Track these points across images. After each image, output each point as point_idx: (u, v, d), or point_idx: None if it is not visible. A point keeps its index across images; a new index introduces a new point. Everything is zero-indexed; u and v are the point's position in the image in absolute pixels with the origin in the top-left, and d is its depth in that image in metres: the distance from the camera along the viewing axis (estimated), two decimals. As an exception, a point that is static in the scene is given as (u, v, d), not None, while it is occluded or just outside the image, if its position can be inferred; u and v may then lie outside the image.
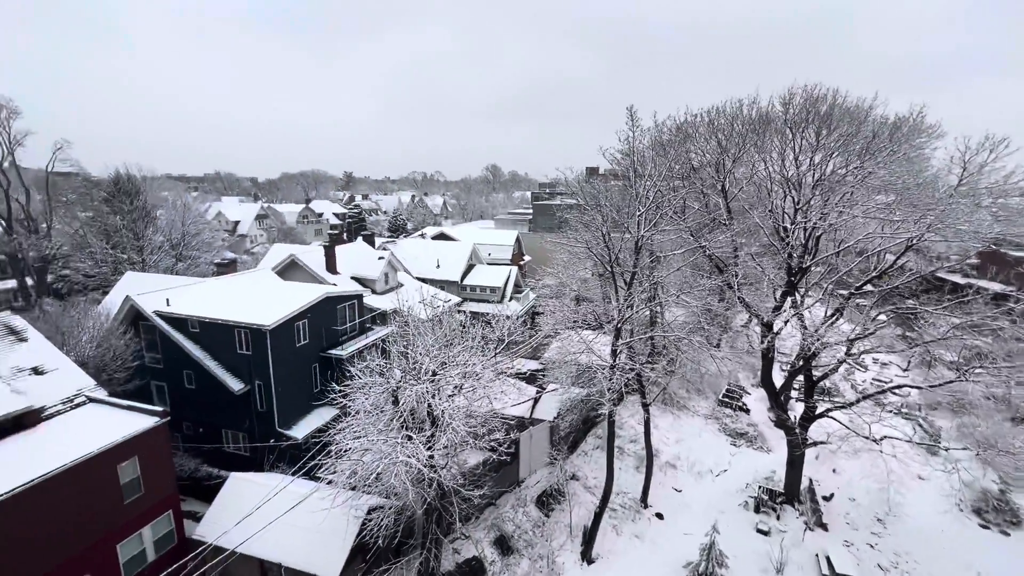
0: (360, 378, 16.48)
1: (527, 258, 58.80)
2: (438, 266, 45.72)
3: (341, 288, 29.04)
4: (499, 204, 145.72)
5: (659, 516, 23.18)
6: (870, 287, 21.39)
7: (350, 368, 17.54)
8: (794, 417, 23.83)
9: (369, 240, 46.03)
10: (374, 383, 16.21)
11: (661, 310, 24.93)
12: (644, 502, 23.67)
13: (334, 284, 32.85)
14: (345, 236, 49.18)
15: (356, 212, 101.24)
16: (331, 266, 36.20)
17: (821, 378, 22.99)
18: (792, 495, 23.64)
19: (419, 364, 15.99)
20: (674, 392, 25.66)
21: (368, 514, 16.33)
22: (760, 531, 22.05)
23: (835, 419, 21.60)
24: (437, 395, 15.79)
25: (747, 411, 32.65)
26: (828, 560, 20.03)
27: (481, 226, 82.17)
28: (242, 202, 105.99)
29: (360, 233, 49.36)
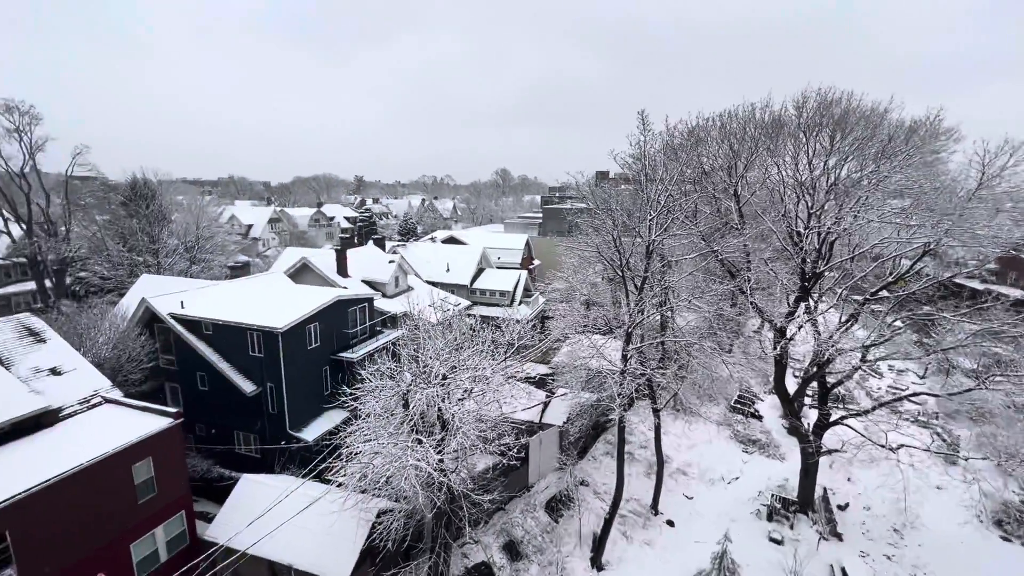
0: (371, 381, 16.54)
1: (537, 262, 58.79)
2: (448, 270, 45.87)
3: (352, 291, 29.24)
4: (509, 208, 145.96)
5: (670, 523, 22.92)
6: (885, 293, 21.06)
7: (360, 371, 17.63)
8: (808, 424, 23.48)
9: (380, 244, 46.35)
10: (384, 386, 16.26)
11: (672, 315, 24.75)
12: (654, 509, 23.44)
13: (345, 287, 33.10)
14: (356, 240, 49.65)
15: (367, 216, 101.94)
16: (342, 269, 36.49)
17: (835, 385, 22.63)
18: (806, 504, 23.26)
19: (429, 368, 16.02)
20: (685, 398, 25.39)
21: (377, 517, 16.35)
22: (773, 540, 21.71)
23: (850, 427, 21.25)
24: (447, 399, 15.80)
25: (759, 418, 32.23)
26: (843, 571, 19.68)
27: (491, 230, 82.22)
28: (255, 206, 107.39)
29: (371, 237, 49.76)
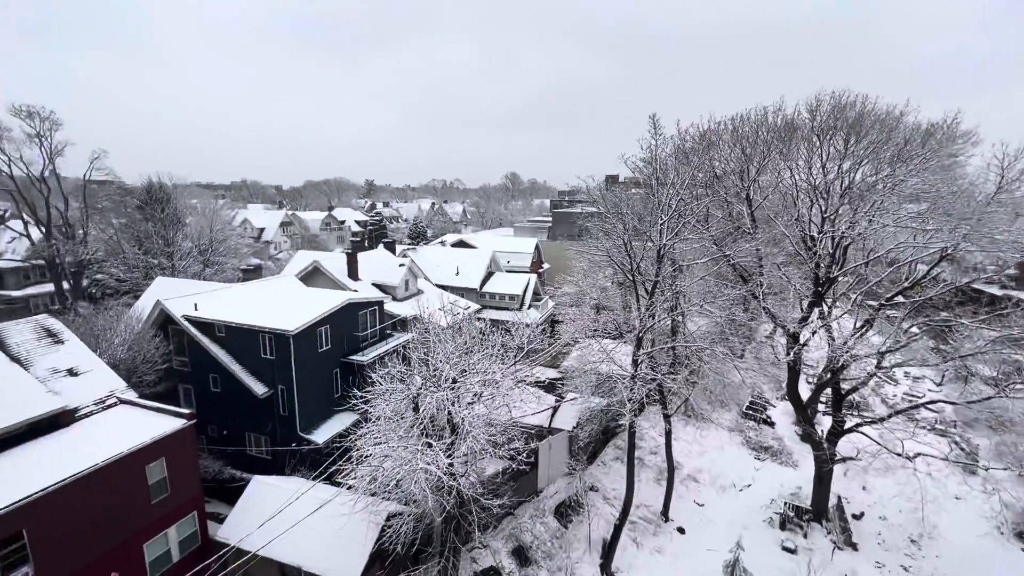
0: (381, 384, 16.60)
1: (546, 266, 58.74)
2: (457, 273, 45.97)
3: (363, 294, 29.41)
4: (518, 212, 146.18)
5: (680, 531, 22.68)
6: (901, 298, 20.73)
7: (371, 374, 17.70)
8: (821, 431, 23.13)
9: (390, 247, 46.59)
10: (395, 389, 16.31)
11: (683, 319, 24.58)
12: (665, 516, 23.20)
13: (356, 290, 33.30)
14: (366, 243, 49.91)
15: (377, 219, 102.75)
16: (353, 273, 36.73)
17: (850, 391, 22.31)
18: (820, 512, 22.89)
19: (439, 371, 16.05)
20: (696, 403, 25.16)
21: (387, 521, 16.36)
22: (786, 549, 21.38)
23: (865, 434, 20.89)
24: (457, 403, 15.81)
25: (772, 424, 31.83)
26: (858, 581, 19.32)
27: (500, 234, 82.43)
28: (267, 209, 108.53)
29: (381, 240, 49.99)
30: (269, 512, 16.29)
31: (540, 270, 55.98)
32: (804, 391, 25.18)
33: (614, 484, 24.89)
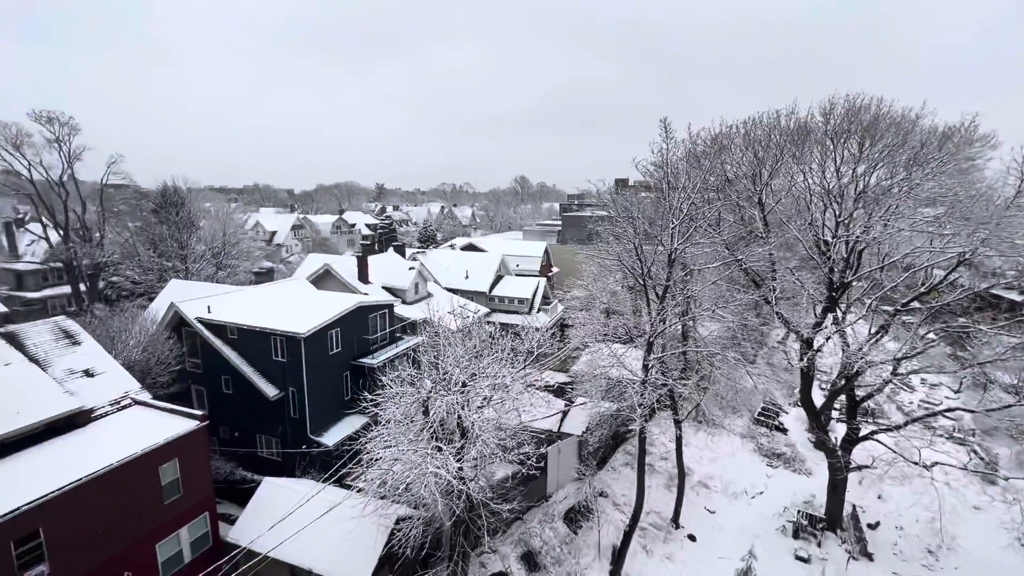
0: (391, 387, 16.64)
1: (555, 269, 58.65)
2: (467, 277, 46.05)
3: (373, 297, 29.54)
4: (527, 215, 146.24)
5: (691, 538, 22.42)
6: (917, 304, 20.38)
7: (381, 377, 17.74)
8: (835, 439, 22.78)
9: (400, 251, 46.82)
10: (405, 393, 16.34)
11: (694, 324, 24.38)
12: (676, 522, 22.97)
13: (366, 293, 33.48)
14: (377, 246, 50.26)
15: (387, 223, 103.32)
16: (363, 276, 36.93)
17: (865, 398, 21.96)
18: (834, 521, 22.50)
19: (449, 375, 16.05)
20: (707, 409, 24.90)
21: (396, 524, 16.36)
22: (799, 558, 21.04)
23: (880, 442, 20.55)
24: (467, 406, 15.79)
25: (784, 431, 31.41)
26: (874, 592, 18.94)
27: (509, 237, 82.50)
28: (279, 213, 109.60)
29: (391, 244, 50.30)
30: (280, 514, 16.37)
31: (549, 274, 55.90)
32: (817, 397, 24.85)
33: (624, 490, 24.70)
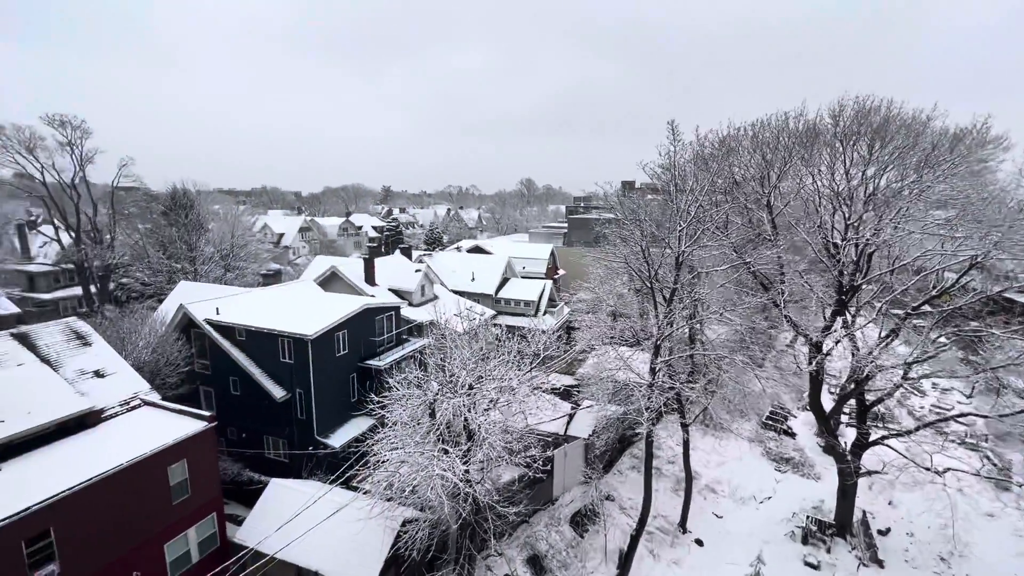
0: (398, 389, 16.66)
1: (561, 272, 58.54)
2: (473, 279, 46.09)
3: (379, 300, 29.64)
4: (533, 218, 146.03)
5: (699, 543, 22.25)
6: (928, 307, 20.14)
7: (387, 379, 17.77)
8: (845, 443, 22.54)
9: (406, 253, 46.96)
10: (412, 395, 16.36)
11: (701, 327, 24.23)
12: (683, 527, 22.80)
13: (372, 295, 33.59)
14: (383, 249, 50.42)
15: (394, 225, 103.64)
16: (370, 278, 37.08)
17: (875, 403, 21.70)
18: (844, 527, 22.25)
19: (456, 377, 16.06)
20: (715, 413, 24.71)
21: (403, 526, 16.36)
22: (809, 564, 20.80)
23: (891, 447, 20.29)
24: (473, 409, 15.78)
25: (792, 435, 31.13)
26: (885, 600, 18.70)
27: (515, 240, 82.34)
28: (286, 215, 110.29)
29: (398, 246, 50.42)
30: (287, 515, 16.42)
31: (555, 276, 55.81)
32: (827, 402, 24.59)
33: (630, 494, 24.56)
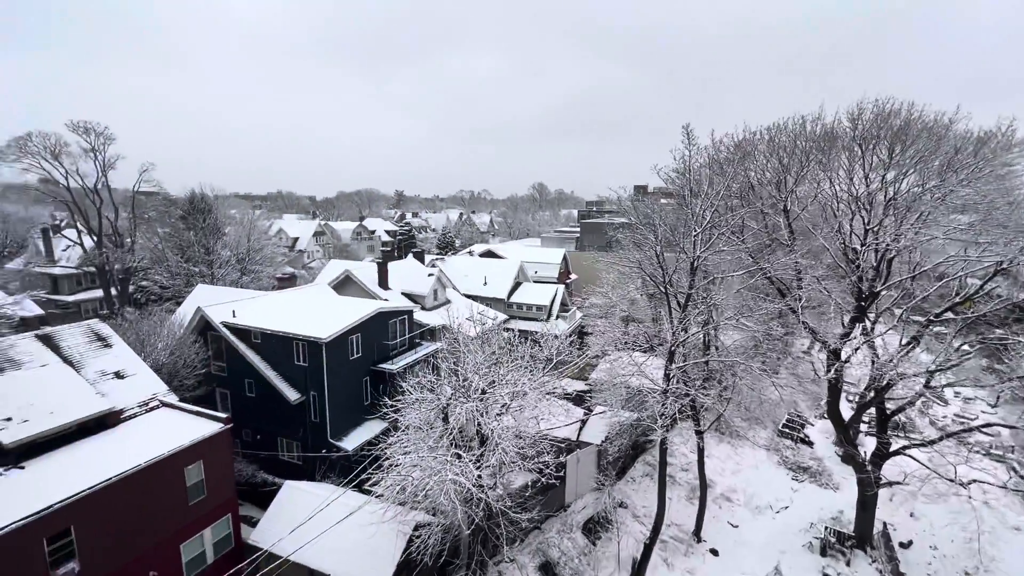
0: (411, 393, 16.70)
1: (574, 276, 58.36)
2: (485, 283, 46.15)
3: (393, 303, 29.80)
4: (545, 222, 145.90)
5: (714, 552, 21.89)
6: (951, 314, 19.67)
7: (400, 382, 17.82)
8: (864, 453, 22.04)
9: (419, 257, 47.19)
10: (425, 399, 16.38)
11: (716, 333, 23.95)
12: (697, 536, 22.46)
13: (386, 299, 33.79)
14: (396, 253, 50.84)
15: (406, 230, 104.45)
16: (383, 282, 37.31)
17: (896, 412, 21.20)
18: (863, 539, 21.72)
19: (469, 381, 16.05)
20: (730, 420, 24.34)
21: (415, 530, 16.36)
22: (827, 576, 20.35)
23: (913, 458, 19.77)
24: (486, 414, 15.75)
25: (810, 444, 30.54)
26: (907, 615, 18.18)
27: (528, 244, 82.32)
28: (301, 219, 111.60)
29: (410, 250, 50.77)
30: (300, 517, 16.52)
31: (568, 281, 55.65)
32: (845, 410, 24.11)
33: (644, 501, 24.28)
